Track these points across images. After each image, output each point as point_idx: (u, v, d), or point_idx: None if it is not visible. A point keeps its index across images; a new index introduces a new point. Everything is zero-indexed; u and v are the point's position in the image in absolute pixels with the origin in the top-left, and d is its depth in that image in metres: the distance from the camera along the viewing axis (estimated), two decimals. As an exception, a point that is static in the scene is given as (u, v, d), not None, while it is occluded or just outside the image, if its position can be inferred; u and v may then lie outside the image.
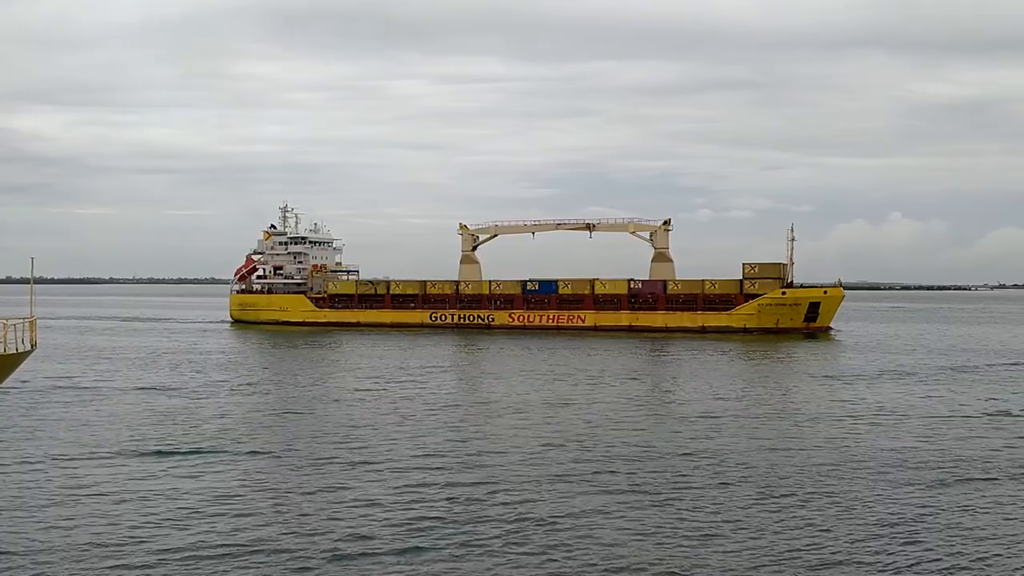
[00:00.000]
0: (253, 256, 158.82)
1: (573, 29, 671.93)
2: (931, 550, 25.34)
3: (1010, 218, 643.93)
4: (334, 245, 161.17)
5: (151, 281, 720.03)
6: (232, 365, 79.27)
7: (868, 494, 31.46)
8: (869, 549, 25.40)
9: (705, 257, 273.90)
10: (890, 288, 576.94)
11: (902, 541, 26.12)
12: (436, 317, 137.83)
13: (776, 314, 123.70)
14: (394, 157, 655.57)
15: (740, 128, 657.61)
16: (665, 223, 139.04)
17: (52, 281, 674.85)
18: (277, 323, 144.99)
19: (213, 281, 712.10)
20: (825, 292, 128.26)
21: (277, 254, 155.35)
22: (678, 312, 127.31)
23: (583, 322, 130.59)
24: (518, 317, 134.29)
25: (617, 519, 28.20)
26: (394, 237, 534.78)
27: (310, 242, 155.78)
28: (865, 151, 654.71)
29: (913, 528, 27.42)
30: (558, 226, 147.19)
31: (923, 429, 45.16)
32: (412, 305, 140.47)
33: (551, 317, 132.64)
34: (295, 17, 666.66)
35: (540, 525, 27.40)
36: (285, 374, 71.90)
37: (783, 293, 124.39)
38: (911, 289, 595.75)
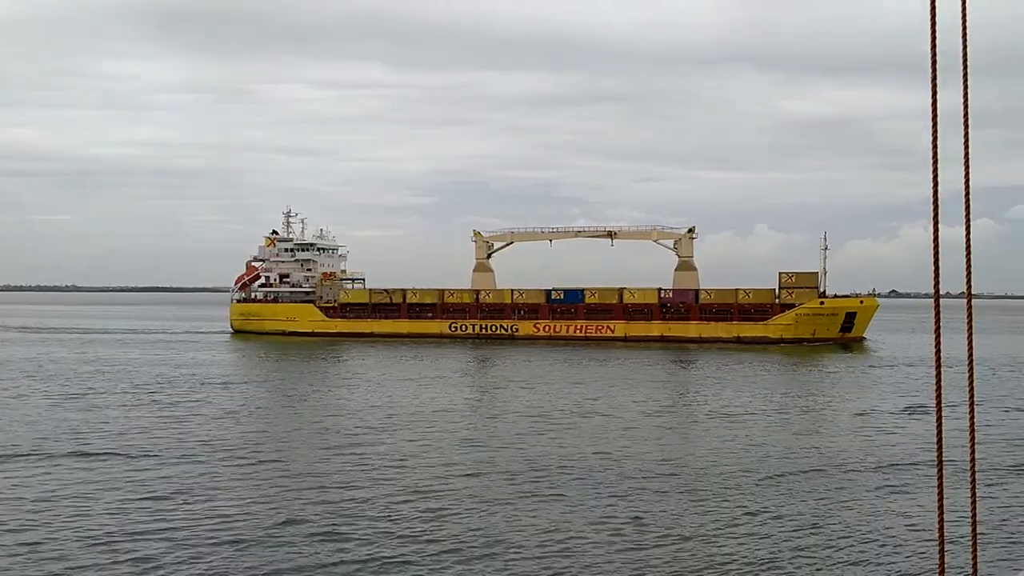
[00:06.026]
0: (254, 263, 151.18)
1: (455, 38, 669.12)
2: None
3: (866, 231, 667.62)
4: (339, 252, 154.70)
5: (18, 288, 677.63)
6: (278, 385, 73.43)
7: None
8: None
9: (582, 265, 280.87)
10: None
11: None
12: (456, 327, 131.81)
13: (813, 324, 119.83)
14: (270, 162, 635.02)
15: (616, 140, 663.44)
16: (690, 231, 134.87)
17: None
18: (284, 333, 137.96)
19: (75, 288, 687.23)
20: (861, 302, 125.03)
21: (282, 261, 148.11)
22: (712, 322, 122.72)
23: (612, 332, 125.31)
24: (543, 327, 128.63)
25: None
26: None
27: (318, 248, 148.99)
28: (734, 165, 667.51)
29: None
30: (578, 234, 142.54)
31: None
32: (430, 315, 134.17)
33: (578, 327, 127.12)
34: (167, 17, 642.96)
35: None
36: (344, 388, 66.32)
37: (821, 303, 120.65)
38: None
